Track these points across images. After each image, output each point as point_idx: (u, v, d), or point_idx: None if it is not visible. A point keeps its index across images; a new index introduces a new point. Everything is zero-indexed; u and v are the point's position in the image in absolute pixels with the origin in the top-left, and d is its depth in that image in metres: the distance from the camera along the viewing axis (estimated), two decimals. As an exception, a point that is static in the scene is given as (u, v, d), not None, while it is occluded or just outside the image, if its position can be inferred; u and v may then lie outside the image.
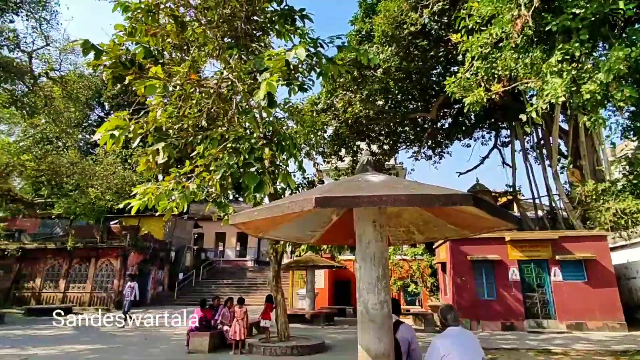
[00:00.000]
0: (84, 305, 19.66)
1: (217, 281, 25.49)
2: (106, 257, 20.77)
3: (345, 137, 15.09)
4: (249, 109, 5.48)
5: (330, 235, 4.23)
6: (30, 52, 20.33)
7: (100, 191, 21.13)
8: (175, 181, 5.56)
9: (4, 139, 20.26)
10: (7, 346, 9.67)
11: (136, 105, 5.93)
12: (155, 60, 5.79)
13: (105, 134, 4.70)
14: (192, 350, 8.76)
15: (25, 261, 20.94)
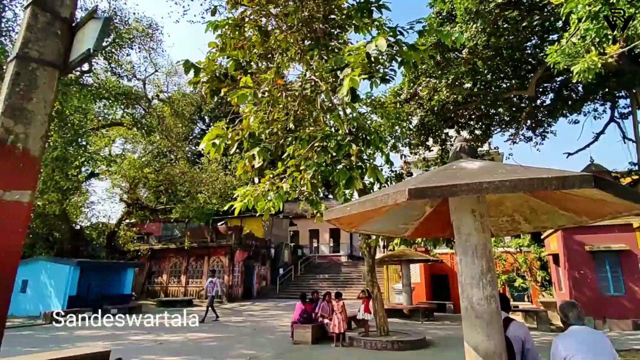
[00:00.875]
0: (202, 298, 22.10)
1: (314, 276, 26.49)
2: (216, 255, 23.07)
3: (432, 125, 14.36)
4: (333, 107, 5.57)
5: (424, 228, 4.09)
6: (143, 79, 23.52)
7: (207, 196, 23.47)
8: (270, 182, 5.90)
9: (131, 157, 23.78)
10: (145, 332, 11.37)
11: (231, 114, 6.44)
12: (245, 70, 6.20)
13: (207, 143, 5.20)
14: (296, 341, 9.25)
15: (154, 260, 24.37)
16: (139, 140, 25.85)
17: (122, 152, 27.02)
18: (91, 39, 2.88)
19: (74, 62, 3.02)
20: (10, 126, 2.60)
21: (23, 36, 2.81)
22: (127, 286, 18.36)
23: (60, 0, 3.02)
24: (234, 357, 7.90)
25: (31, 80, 2.76)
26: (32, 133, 2.69)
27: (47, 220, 18.95)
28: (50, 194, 15.57)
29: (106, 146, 25.56)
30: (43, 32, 2.88)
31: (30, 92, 2.73)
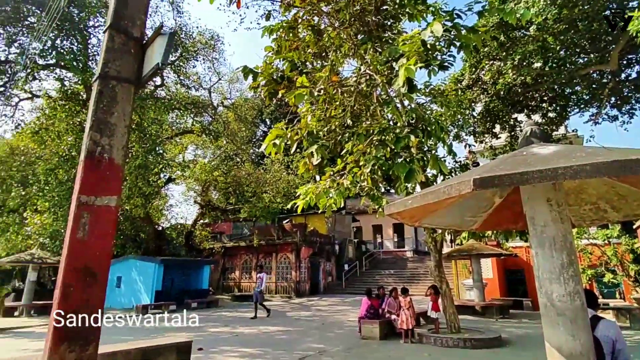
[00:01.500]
0: (272, 293, 23.03)
1: (379, 271, 26.25)
2: (283, 252, 23.86)
3: (498, 111, 13.35)
4: (390, 99, 5.45)
5: (493, 220, 3.84)
6: (209, 88, 25.04)
7: (272, 195, 24.35)
8: (331, 179, 5.95)
9: (202, 161, 25.48)
10: (222, 325, 12.15)
11: (290, 115, 6.60)
12: (300, 71, 6.32)
13: (269, 144, 5.39)
14: (364, 336, 9.25)
15: (227, 257, 25.90)
16: (208, 146, 27.63)
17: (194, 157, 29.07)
18: (159, 54, 3.14)
19: (146, 77, 3.31)
20: (97, 139, 2.93)
21: (103, 57, 3.14)
22: (204, 282, 19.73)
23: (132, 22, 3.32)
24: (303, 350, 8.12)
25: (112, 97, 3.08)
26: (115, 144, 3.00)
27: (134, 222, 21.03)
28: (135, 198, 17.24)
29: (180, 153, 27.69)
30: (119, 52, 3.19)
31: (111, 107, 3.05)
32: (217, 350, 8.11)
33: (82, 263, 2.69)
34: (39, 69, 15.13)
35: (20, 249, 15.42)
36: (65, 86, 16.14)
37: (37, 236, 15.08)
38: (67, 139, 14.54)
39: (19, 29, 13.81)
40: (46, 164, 14.80)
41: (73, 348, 2.57)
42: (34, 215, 15.22)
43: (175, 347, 5.40)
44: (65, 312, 2.58)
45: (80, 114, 15.37)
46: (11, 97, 15.25)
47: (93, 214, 2.79)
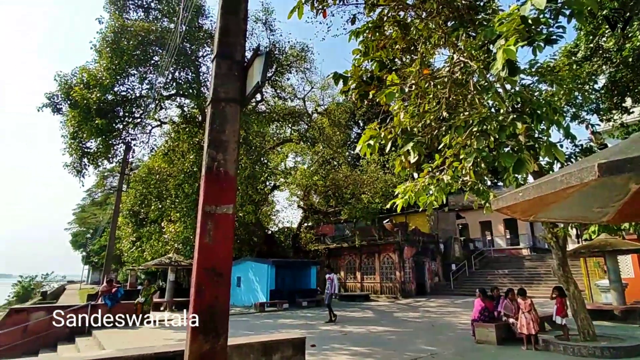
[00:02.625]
0: (377, 294, 23.00)
1: (491, 271, 24.25)
2: (385, 252, 23.65)
3: (627, 82, 11.16)
4: (489, 85, 5.06)
5: (630, 210, 3.28)
6: (303, 98, 26.24)
7: (370, 196, 24.38)
8: (429, 176, 5.77)
9: (302, 167, 26.84)
10: (332, 323, 12.57)
11: (382, 114, 6.58)
12: (389, 69, 6.27)
13: (363, 145, 5.46)
14: (479, 340, 8.66)
15: (331, 258, 26.70)
16: (306, 152, 28.97)
17: (294, 164, 30.75)
18: (258, 73, 3.47)
19: (249, 95, 3.68)
20: (214, 155, 3.35)
21: (213, 83, 3.59)
22: (312, 282, 20.67)
23: (234, 49, 3.73)
24: (414, 351, 7.96)
25: (222, 117, 3.50)
26: (228, 158, 3.40)
27: (247, 227, 23.10)
28: (247, 206, 18.95)
29: (282, 161, 29.57)
30: (225, 77, 3.61)
31: (223, 126, 3.46)
32: (329, 347, 8.43)
33: (210, 264, 3.10)
34: (164, 99, 17.74)
35: (161, 254, 18.23)
36: (185, 111, 18.61)
37: (172, 242, 17.67)
38: (189, 157, 16.75)
39: (147, 68, 16.40)
40: (175, 180, 17.24)
41: (208, 339, 2.98)
42: (169, 225, 17.88)
43: (291, 342, 5.79)
44: (200, 308, 3.02)
45: (198, 134, 17.55)
46: (146, 126, 18.19)
47: (215, 221, 3.21)
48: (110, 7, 16.46)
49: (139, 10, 17.36)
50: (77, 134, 14.94)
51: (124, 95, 16.22)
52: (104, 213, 40.96)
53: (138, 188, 19.17)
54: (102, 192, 47.84)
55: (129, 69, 15.85)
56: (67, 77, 15.11)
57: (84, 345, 9.80)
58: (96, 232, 45.90)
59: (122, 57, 14.82)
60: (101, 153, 15.86)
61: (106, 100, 15.07)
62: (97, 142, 15.53)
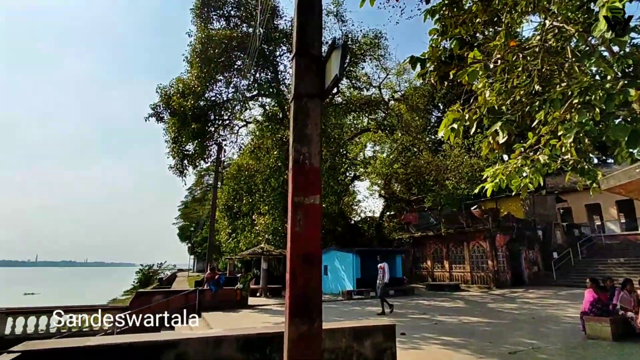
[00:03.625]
0: (468, 284, 21.92)
1: (602, 260, 21.46)
2: (475, 240, 22.36)
3: None
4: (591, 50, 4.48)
5: None
6: (379, 85, 25.85)
7: (455, 181, 23.22)
8: (522, 156, 5.35)
9: (381, 156, 26.58)
10: (420, 312, 12.38)
11: (465, 95, 6.25)
12: (471, 45, 5.91)
13: (446, 129, 5.26)
14: (590, 335, 7.81)
15: (416, 247, 26.12)
16: (384, 141, 28.57)
17: (373, 153, 30.56)
18: (336, 66, 3.58)
19: (328, 89, 3.81)
20: (300, 149, 3.56)
21: (294, 80, 3.79)
22: (398, 270, 20.47)
23: (312, 45, 3.88)
24: (513, 344, 7.49)
25: (305, 112, 3.69)
26: (312, 151, 3.58)
27: (331, 218, 23.69)
28: (329, 197, 19.42)
29: (360, 151, 29.61)
30: (305, 73, 3.79)
31: (306, 121, 3.65)
32: (419, 336, 8.35)
33: (302, 251, 3.33)
34: (248, 100, 18.95)
35: (254, 244, 19.68)
36: (266, 110, 19.65)
37: (263, 233, 18.96)
38: (273, 153, 17.72)
39: (231, 73, 17.67)
40: (262, 175, 18.40)
41: (304, 322, 3.20)
42: (259, 217, 19.20)
43: (381, 329, 5.89)
44: (295, 292, 3.26)
45: (280, 130, 18.43)
46: (234, 126, 19.68)
47: (304, 211, 3.42)
48: (197, 20, 18.00)
49: (221, 19, 18.71)
50: (177, 138, 16.78)
51: (213, 100, 17.73)
52: (203, 208, 45.44)
53: (230, 184, 20.89)
54: (200, 189, 53.08)
55: (216, 75, 17.24)
56: (166, 88, 17.02)
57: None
58: (198, 226, 51.15)
59: (209, 65, 16.19)
60: (198, 154, 17.61)
61: (199, 106, 16.65)
62: (194, 144, 17.29)
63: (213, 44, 16.33)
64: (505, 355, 6.70)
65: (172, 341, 4.56)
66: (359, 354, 5.76)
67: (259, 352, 5.04)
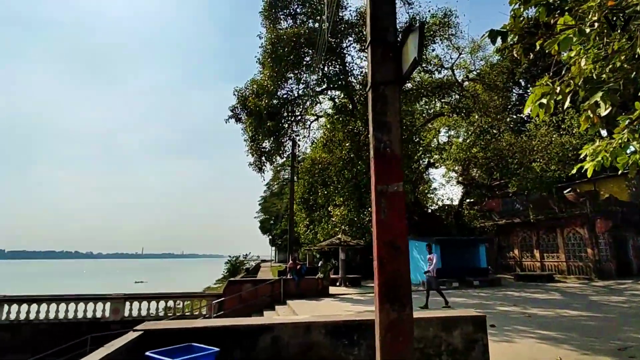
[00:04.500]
0: (563, 274, 20.01)
1: None
2: (570, 226, 20.28)
3: None
4: None
5: None
6: (451, 67, 24.50)
7: (543, 163, 21.21)
8: (629, 130, 4.75)
9: (456, 141, 25.27)
10: (510, 304, 11.65)
11: (553, 67, 5.71)
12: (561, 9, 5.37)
13: (533, 106, 4.86)
14: None
15: (501, 235, 24.48)
16: (460, 124, 27.04)
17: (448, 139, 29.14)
18: (414, 49, 3.51)
19: (407, 74, 3.76)
20: (380, 137, 3.60)
21: (371, 69, 3.81)
22: (482, 260, 19.43)
23: (386, 31, 3.87)
24: (622, 340, 6.74)
25: (383, 100, 3.70)
26: (393, 139, 3.59)
27: (407, 207, 23.15)
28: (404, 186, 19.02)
29: (434, 137, 28.42)
30: (381, 60, 3.79)
31: (384, 108, 3.67)
32: (511, 329, 7.90)
33: (388, 238, 3.37)
34: (318, 95, 19.30)
35: (331, 235, 20.13)
36: (336, 103, 19.83)
37: (339, 224, 19.29)
38: (345, 145, 17.87)
39: (301, 69, 18.13)
40: (335, 168, 18.68)
41: (394, 308, 3.24)
42: (334, 209, 19.57)
43: (470, 319, 5.71)
44: (383, 279, 3.32)
45: (350, 122, 18.49)
46: (306, 121, 20.23)
47: (387, 199, 3.45)
48: (266, 22, 18.74)
49: (288, 18, 19.24)
50: (255, 137, 17.76)
51: (285, 98, 18.39)
52: (281, 202, 47.60)
53: (305, 178, 21.55)
54: (277, 184, 55.66)
55: (287, 73, 17.82)
56: (242, 90, 18.07)
57: (282, 311, 11.78)
58: (277, 219, 53.72)
59: (280, 63, 16.80)
60: (274, 151, 18.46)
61: (273, 104, 17.41)
62: (269, 141, 18.15)
63: (282, 43, 16.89)
64: (614, 351, 6.06)
65: (269, 325, 4.94)
66: (448, 344, 5.65)
67: (346, 338, 5.21)
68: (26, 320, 12.14)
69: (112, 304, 12.66)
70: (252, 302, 13.19)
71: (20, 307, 12.23)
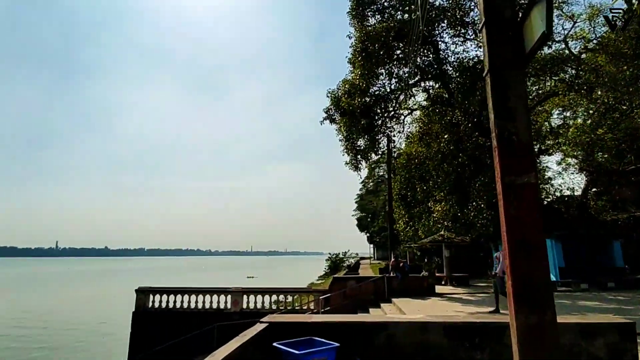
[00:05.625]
0: None
1: None
2: None
3: None
4: None
5: None
6: (563, 39, 21.51)
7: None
8: None
9: (576, 122, 22.09)
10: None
11: None
12: None
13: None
14: None
15: (640, 229, 20.67)
16: (578, 103, 23.55)
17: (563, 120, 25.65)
18: (541, 21, 3.12)
19: (532, 51, 3.38)
20: (502, 125, 3.31)
21: (487, 51, 3.51)
22: (616, 258, 16.74)
23: (502, 8, 3.54)
24: None
25: (503, 84, 3.40)
26: (519, 125, 3.27)
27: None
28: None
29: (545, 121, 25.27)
30: (497, 41, 3.48)
31: (505, 93, 3.36)
32: (669, 339, 6.59)
33: (520, 235, 3.08)
34: (411, 87, 18.69)
35: (433, 232, 19.31)
36: (430, 94, 18.97)
37: (442, 220, 18.38)
38: (443, 137, 16.97)
39: (392, 64, 17.76)
40: (433, 162, 17.86)
41: (533, 312, 2.92)
42: (435, 204, 18.71)
43: (616, 326, 4.96)
44: (517, 280, 3.02)
45: (447, 113, 17.48)
46: (399, 116, 19.75)
47: (517, 192, 3.15)
48: (354, 21, 18.77)
49: (376, 14, 18.99)
50: (349, 136, 17.94)
51: (377, 94, 18.20)
52: (377, 199, 47.28)
53: (402, 174, 21.03)
54: (372, 182, 55.56)
55: (377, 69, 17.61)
56: (334, 92, 18.41)
57: (388, 309, 11.67)
58: (374, 216, 53.55)
59: (371, 60, 16.67)
60: (369, 148, 18.42)
61: (365, 102, 17.38)
62: (364, 139, 18.16)
63: (372, 40, 16.73)
64: None
65: (383, 323, 4.91)
66: (589, 354, 4.99)
67: (467, 340, 4.93)
68: (166, 309, 14.16)
69: (232, 296, 14.04)
70: (356, 298, 13.35)
71: (162, 297, 14.32)
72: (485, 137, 17.40)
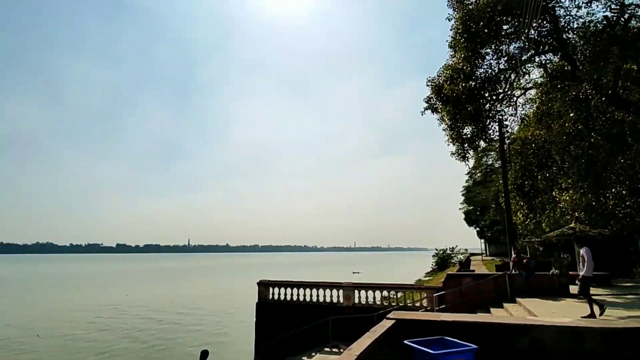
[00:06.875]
0: None
1: None
2: None
3: None
4: None
5: None
6: None
7: None
8: None
9: None
10: None
11: None
12: None
13: None
14: None
15: None
16: None
17: None
18: None
19: None
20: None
21: None
22: None
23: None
24: None
25: None
26: None
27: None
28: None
29: None
30: None
31: None
32: None
33: None
34: (524, 64, 16.78)
35: (560, 224, 17.08)
36: (549, 68, 16.78)
37: (570, 211, 16.13)
38: (568, 116, 14.85)
39: (500, 40, 16.16)
40: (556, 145, 15.76)
41: None
42: (561, 193, 16.48)
43: None
44: None
45: (572, 88, 15.24)
46: (511, 97, 17.90)
47: None
48: (452, 1, 17.58)
49: (478, -11, 17.50)
50: (454, 124, 16.89)
51: (484, 77, 16.75)
52: (487, 191, 43.48)
53: (516, 161, 19.06)
54: (480, 172, 51.22)
55: (482, 50, 16.21)
56: (435, 80, 17.50)
57: (514, 310, 10.70)
58: (484, 209, 49.47)
59: (474, 41, 15.41)
60: (476, 136, 17.10)
61: (470, 86, 16.15)
62: (471, 127, 16.93)
63: (475, 19, 15.44)
64: None
65: (526, 326, 4.51)
66: None
67: (630, 349, 4.26)
68: (284, 301, 15.23)
69: (344, 291, 14.44)
70: (473, 297, 12.53)
71: (280, 289, 15.45)
72: (624, 111, 14.78)
